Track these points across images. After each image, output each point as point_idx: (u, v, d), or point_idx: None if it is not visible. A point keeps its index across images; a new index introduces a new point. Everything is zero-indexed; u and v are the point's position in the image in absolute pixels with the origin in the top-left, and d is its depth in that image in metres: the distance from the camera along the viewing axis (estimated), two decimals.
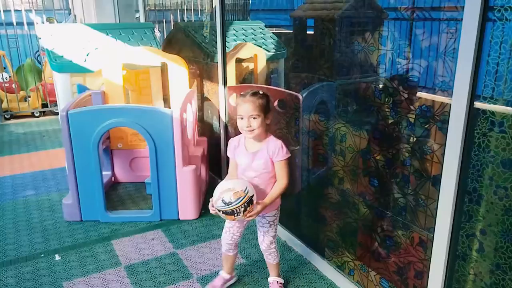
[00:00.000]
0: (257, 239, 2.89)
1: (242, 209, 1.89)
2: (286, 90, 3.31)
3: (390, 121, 2.13)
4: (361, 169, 2.28)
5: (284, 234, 2.90)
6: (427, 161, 1.87)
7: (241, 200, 1.88)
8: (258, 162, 2.06)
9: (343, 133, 2.40)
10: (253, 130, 2.00)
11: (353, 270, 2.38)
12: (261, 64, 4.22)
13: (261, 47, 4.32)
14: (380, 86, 2.24)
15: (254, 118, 1.99)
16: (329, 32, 2.84)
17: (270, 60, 4.31)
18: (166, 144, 2.99)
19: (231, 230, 2.25)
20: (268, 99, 2.07)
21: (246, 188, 1.92)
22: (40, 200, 3.54)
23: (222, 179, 3.64)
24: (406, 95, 2.02)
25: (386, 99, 2.15)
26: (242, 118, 2.00)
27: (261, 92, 2.06)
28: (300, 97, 3.02)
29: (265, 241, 2.25)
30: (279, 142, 2.07)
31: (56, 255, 2.72)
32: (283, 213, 3.05)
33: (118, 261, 2.66)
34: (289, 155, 2.08)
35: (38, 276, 2.52)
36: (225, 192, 1.91)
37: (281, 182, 2.08)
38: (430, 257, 1.76)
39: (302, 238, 2.77)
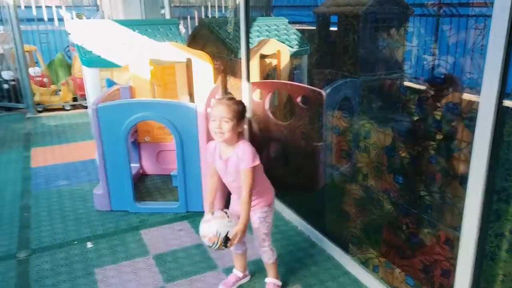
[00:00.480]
0: (278, 233, 2.95)
1: (223, 246, 1.98)
2: (309, 86, 3.33)
3: (415, 118, 2.13)
4: (386, 166, 2.28)
5: (308, 228, 2.94)
6: (454, 159, 1.87)
7: (217, 244, 1.97)
8: (230, 169, 2.06)
9: (367, 130, 2.41)
10: (223, 133, 1.97)
11: (377, 267, 2.39)
12: (284, 60, 4.24)
13: (284, 43, 4.34)
14: (405, 82, 2.24)
15: (226, 121, 1.95)
16: (353, 28, 2.84)
17: (293, 56, 4.33)
18: (191, 138, 3.06)
19: None
20: (244, 107, 2.04)
21: (217, 232, 1.96)
22: (72, 190, 3.67)
23: None
24: (432, 92, 2.02)
25: (412, 96, 2.15)
26: (214, 120, 1.98)
27: (238, 99, 2.06)
28: (323, 93, 3.03)
29: (257, 238, 2.22)
30: (248, 149, 2.01)
31: (88, 243, 2.84)
32: (307, 208, 3.09)
33: (147, 250, 2.75)
34: (257, 163, 2.00)
35: (72, 262, 2.63)
36: (202, 238, 2.03)
37: (242, 195, 2.01)
38: (457, 256, 1.74)
39: (325, 233, 2.79)
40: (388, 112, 2.40)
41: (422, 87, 2.10)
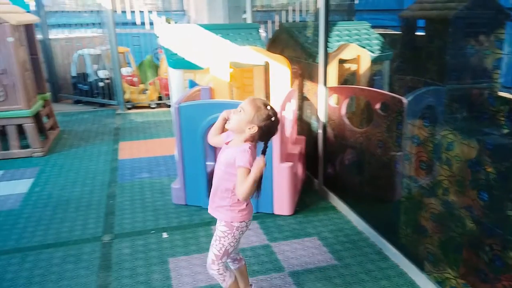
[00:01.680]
0: (348, 243, 2.88)
1: None
2: (388, 93, 3.22)
3: (505, 131, 1.98)
4: (469, 180, 2.14)
5: (380, 241, 2.84)
6: None
7: None
8: (224, 155, 1.94)
9: (450, 141, 2.27)
10: (229, 120, 1.91)
11: None
12: (365, 65, 4.14)
13: (365, 48, 4.24)
14: (495, 92, 2.09)
15: (239, 111, 1.87)
16: (440, 33, 2.70)
17: (374, 61, 4.21)
18: None
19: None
20: (270, 122, 1.88)
21: None
22: (153, 182, 3.93)
23: (318, 179, 3.68)
24: None
25: (502, 107, 2.00)
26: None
27: (273, 112, 1.90)
28: (404, 101, 2.92)
29: (209, 255, 2.05)
30: (249, 151, 1.85)
31: (164, 233, 3.02)
32: (380, 219, 2.98)
33: None
34: (250, 167, 1.83)
35: (148, 249, 2.82)
36: None
37: (237, 191, 1.88)
38: None
39: (399, 247, 2.67)
40: (474, 123, 2.25)
41: None
